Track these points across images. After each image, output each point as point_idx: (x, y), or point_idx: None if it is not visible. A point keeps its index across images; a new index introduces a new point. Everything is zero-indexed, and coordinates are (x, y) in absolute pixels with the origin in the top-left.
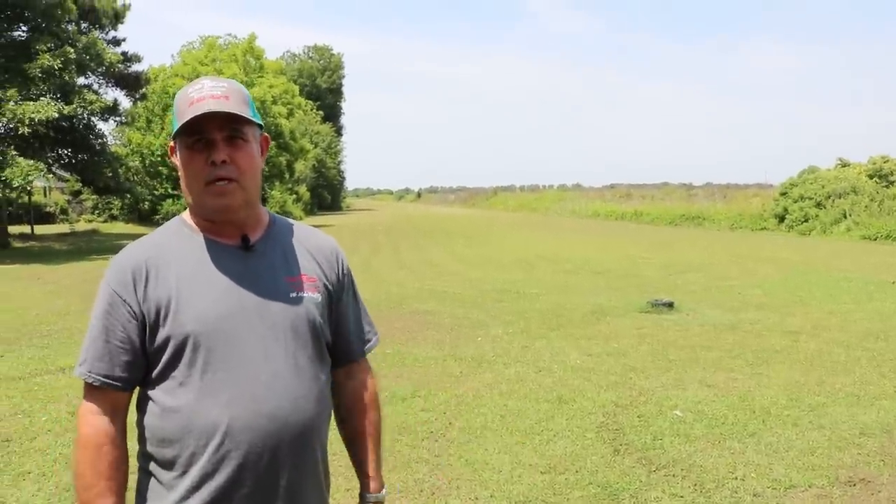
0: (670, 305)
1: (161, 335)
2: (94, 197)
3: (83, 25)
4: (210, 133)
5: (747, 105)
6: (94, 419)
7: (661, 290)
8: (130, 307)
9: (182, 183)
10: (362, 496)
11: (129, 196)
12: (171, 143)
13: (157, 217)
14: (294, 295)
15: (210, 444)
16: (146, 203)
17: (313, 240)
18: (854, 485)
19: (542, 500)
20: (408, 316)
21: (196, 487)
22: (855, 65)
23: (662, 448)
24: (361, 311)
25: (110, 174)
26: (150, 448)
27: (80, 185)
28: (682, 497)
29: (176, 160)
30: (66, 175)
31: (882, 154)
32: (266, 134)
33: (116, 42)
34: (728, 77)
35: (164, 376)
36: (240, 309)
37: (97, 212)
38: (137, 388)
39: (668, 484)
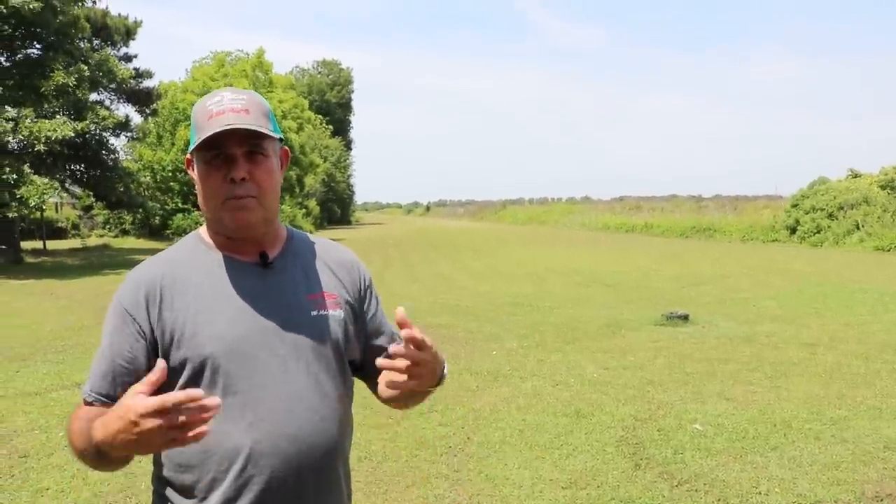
0: (685, 318)
1: (177, 357)
2: (105, 212)
3: (95, 42)
4: (230, 148)
5: (754, 116)
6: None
7: (674, 303)
8: (140, 327)
9: (199, 198)
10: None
11: (140, 211)
12: (189, 156)
13: (168, 231)
14: (315, 313)
15: (232, 470)
16: (157, 218)
17: (333, 254)
18: (881, 500)
19: None
20: (423, 329)
21: None
22: (861, 76)
23: (684, 462)
24: (387, 319)
25: (122, 189)
26: (166, 472)
27: (93, 200)
28: None
29: (193, 174)
30: (79, 191)
31: (894, 164)
32: (286, 147)
33: (128, 58)
34: (734, 87)
35: None
36: (260, 329)
37: (108, 227)
38: None
39: (691, 499)
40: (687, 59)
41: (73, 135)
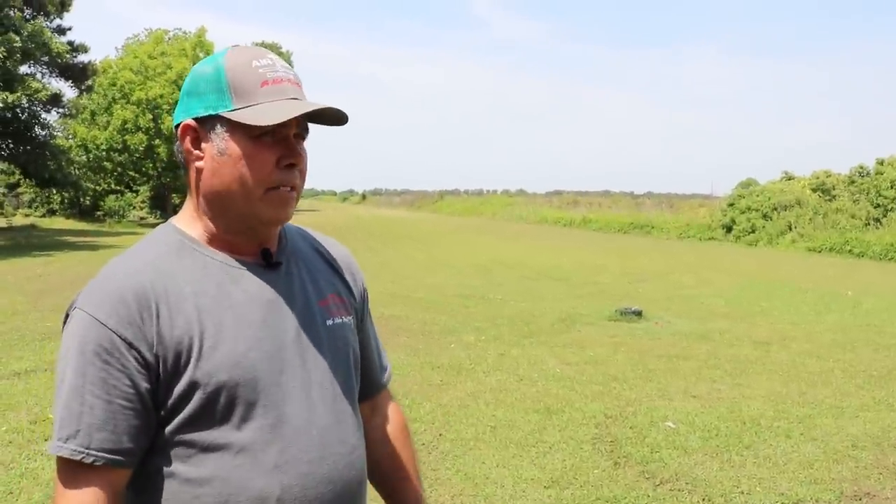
0: (639, 314)
1: (181, 386)
2: (33, 190)
3: (27, 12)
4: (287, 127)
5: (688, 115)
6: None
7: (624, 298)
8: (139, 352)
9: (211, 179)
10: None
11: (72, 190)
12: (191, 122)
13: (100, 213)
14: (330, 322)
15: None
16: (88, 198)
17: (332, 249)
18: (860, 499)
19: None
20: (375, 320)
21: None
22: (793, 82)
23: (662, 461)
24: (376, 331)
25: (55, 167)
26: None
27: (23, 177)
28: None
29: (202, 146)
30: (6, 167)
31: (825, 169)
32: None
33: (62, 31)
34: (670, 87)
35: (183, 438)
36: (277, 348)
37: (35, 206)
38: None
39: (676, 499)
40: (625, 56)
41: (1, 105)
